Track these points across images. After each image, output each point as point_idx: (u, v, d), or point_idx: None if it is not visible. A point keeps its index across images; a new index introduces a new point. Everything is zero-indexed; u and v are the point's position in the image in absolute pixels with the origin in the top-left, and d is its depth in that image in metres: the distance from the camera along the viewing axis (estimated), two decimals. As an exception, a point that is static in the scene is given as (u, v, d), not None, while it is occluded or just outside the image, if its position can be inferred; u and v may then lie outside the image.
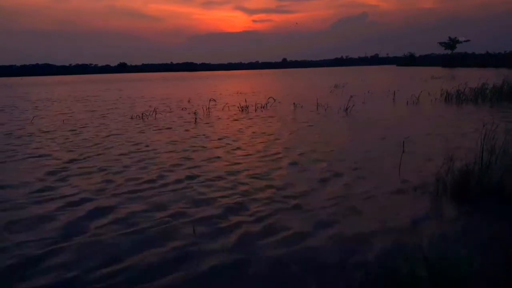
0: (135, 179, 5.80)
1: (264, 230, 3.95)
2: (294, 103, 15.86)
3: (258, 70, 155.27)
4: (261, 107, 15.28)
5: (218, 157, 7.10)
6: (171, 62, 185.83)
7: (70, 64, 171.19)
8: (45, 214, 4.49)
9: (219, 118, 12.80)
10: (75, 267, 3.31)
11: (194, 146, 8.17)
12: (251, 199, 4.83)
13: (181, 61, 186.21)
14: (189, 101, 19.47)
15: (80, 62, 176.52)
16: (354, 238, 3.70)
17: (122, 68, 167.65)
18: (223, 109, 15.43)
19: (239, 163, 6.61)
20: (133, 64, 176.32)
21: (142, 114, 13.76)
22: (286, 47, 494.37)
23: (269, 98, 16.95)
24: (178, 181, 5.68)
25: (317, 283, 2.99)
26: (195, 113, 13.80)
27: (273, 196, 4.93)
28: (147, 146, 8.34)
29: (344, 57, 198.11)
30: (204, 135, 9.59)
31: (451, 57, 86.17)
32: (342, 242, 3.63)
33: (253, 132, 9.79)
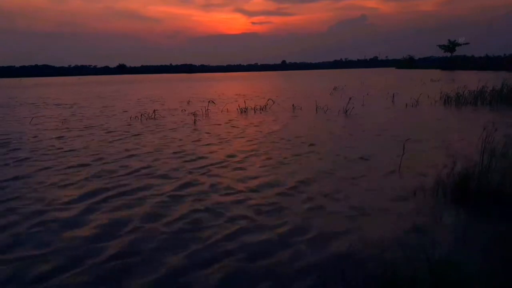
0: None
1: (262, 229, 3.95)
2: (293, 105, 15.86)
3: (257, 72, 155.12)
4: (260, 109, 15.27)
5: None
6: (170, 64, 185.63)
7: (69, 65, 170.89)
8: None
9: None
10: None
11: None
12: (248, 195, 4.84)
13: (180, 63, 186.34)
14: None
15: (79, 64, 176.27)
16: (354, 240, 3.69)
17: (121, 69, 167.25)
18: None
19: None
20: (132, 65, 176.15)
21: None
22: (286, 49, 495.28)
23: (268, 100, 16.93)
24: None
25: (317, 284, 2.98)
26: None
27: (273, 194, 4.92)
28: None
29: (343, 60, 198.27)
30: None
31: (451, 60, 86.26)
32: (342, 243, 3.62)
33: (260, 132, 9.80)
